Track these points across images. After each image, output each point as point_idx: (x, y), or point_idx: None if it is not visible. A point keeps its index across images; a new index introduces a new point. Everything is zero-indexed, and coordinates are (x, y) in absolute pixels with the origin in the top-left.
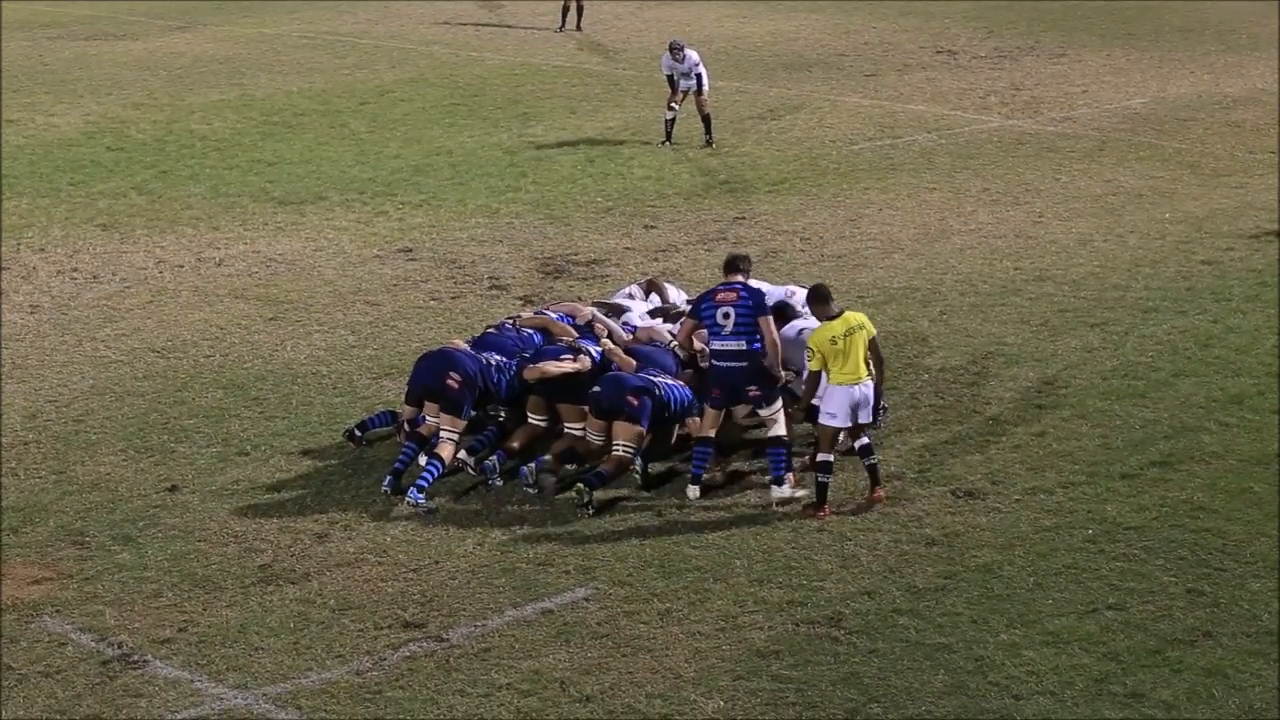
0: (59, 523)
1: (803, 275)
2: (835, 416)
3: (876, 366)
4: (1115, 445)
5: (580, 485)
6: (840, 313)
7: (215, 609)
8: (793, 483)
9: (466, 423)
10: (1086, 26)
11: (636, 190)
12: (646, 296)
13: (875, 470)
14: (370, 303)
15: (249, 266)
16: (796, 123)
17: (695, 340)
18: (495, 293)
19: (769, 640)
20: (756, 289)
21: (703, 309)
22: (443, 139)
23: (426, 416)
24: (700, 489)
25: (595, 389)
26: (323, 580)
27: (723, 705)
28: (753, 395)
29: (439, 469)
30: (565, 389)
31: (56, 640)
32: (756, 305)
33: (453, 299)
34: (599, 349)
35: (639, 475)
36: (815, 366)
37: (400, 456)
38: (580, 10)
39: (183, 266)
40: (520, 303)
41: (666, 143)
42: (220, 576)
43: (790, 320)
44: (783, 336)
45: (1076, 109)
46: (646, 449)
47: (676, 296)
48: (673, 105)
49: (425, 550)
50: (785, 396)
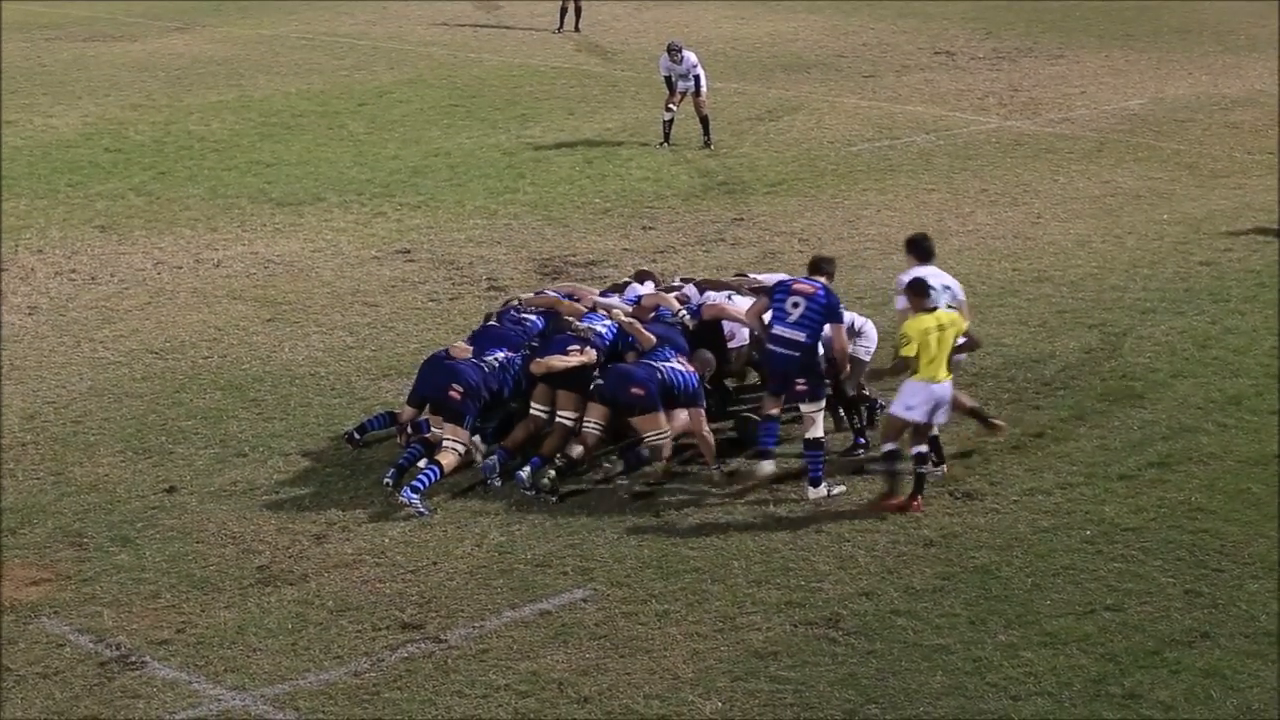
0: (57, 524)
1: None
2: (913, 410)
3: (971, 347)
4: (1113, 446)
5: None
6: (935, 308)
7: (213, 610)
8: (828, 484)
9: (470, 432)
10: (1085, 27)
11: (635, 191)
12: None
13: (922, 480)
14: (368, 304)
15: (247, 268)
16: (795, 124)
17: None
18: (493, 294)
19: (767, 641)
20: (835, 295)
21: (777, 293)
22: (441, 140)
23: (431, 425)
24: (773, 463)
25: (598, 380)
26: (320, 581)
27: (721, 706)
28: (799, 389)
29: (437, 474)
30: (567, 377)
31: (55, 641)
32: (830, 308)
33: (451, 300)
34: (610, 325)
35: (716, 470)
36: (910, 352)
37: (405, 455)
38: (579, 11)
39: (181, 268)
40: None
41: (665, 144)
42: (218, 578)
43: None
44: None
45: (1074, 110)
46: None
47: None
48: (671, 106)
49: (423, 551)
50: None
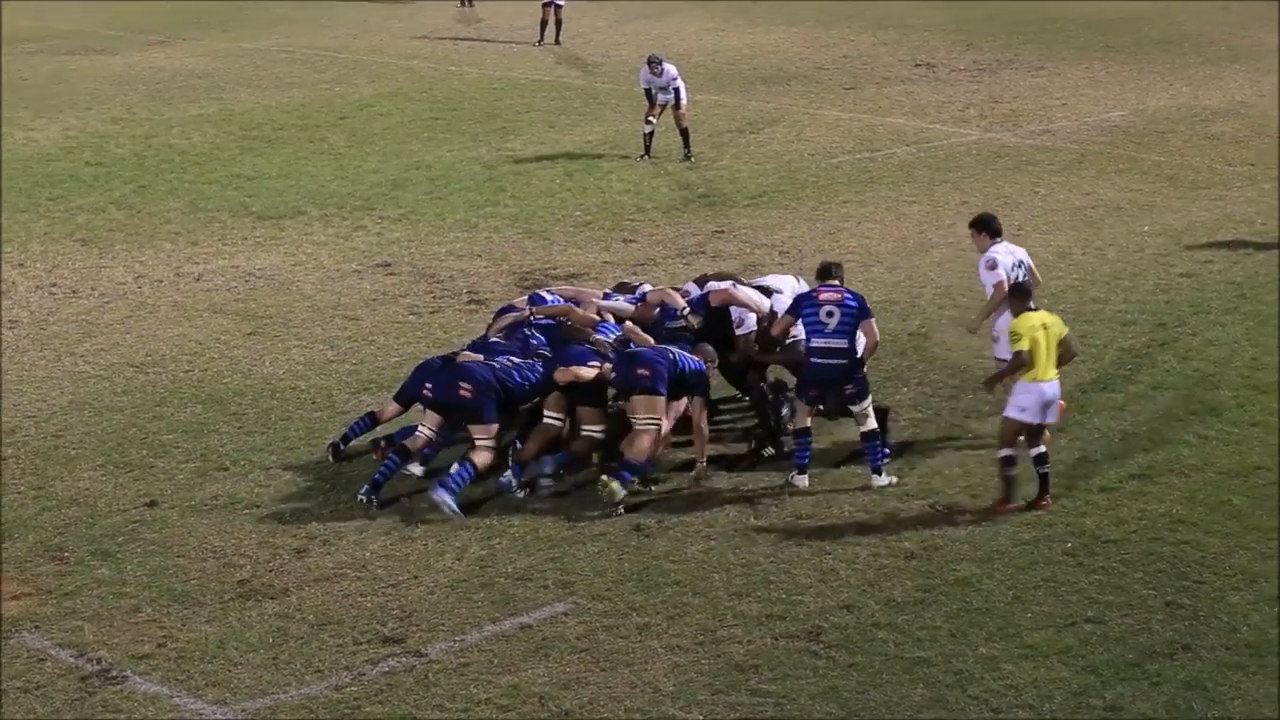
0: (38, 538)
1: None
2: (1026, 411)
3: (1068, 358)
4: (1094, 458)
5: (606, 480)
6: (1037, 308)
7: (194, 624)
8: (887, 475)
9: (498, 427)
10: (1065, 39)
11: (615, 204)
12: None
13: (1047, 479)
14: (349, 317)
15: (228, 281)
16: (775, 136)
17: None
18: (474, 306)
19: (748, 654)
20: (860, 295)
21: (804, 308)
22: (421, 153)
23: (420, 427)
24: (807, 477)
25: (612, 374)
26: (301, 595)
27: (702, 719)
28: (849, 392)
29: (471, 474)
30: (586, 390)
31: (36, 656)
32: (861, 308)
33: (431, 313)
34: (617, 330)
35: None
36: (1025, 347)
37: (381, 469)
38: (559, 24)
39: (162, 281)
40: None
41: (645, 156)
42: (199, 592)
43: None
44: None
45: (1055, 122)
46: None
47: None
48: (651, 119)
49: (404, 565)
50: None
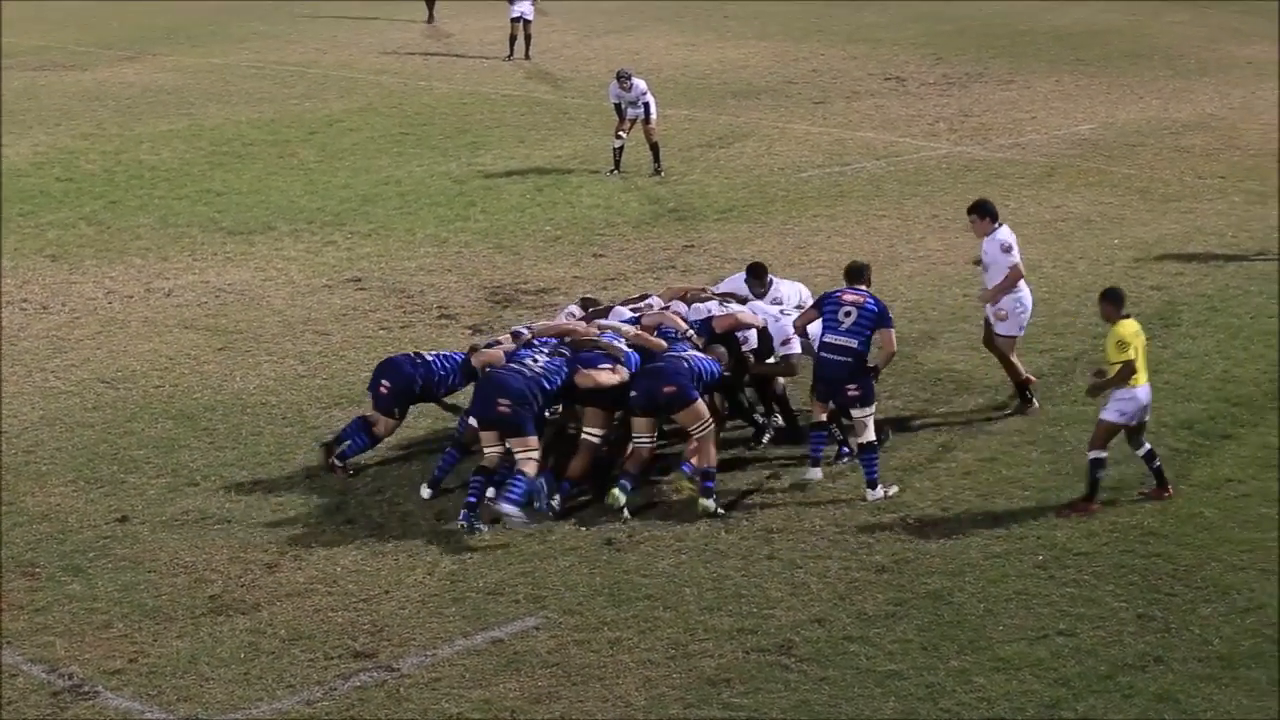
0: (9, 554)
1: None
2: (1125, 415)
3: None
4: (1065, 471)
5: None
6: (1129, 315)
7: (165, 640)
8: (885, 486)
9: (539, 438)
10: (1035, 53)
11: (585, 219)
12: (586, 313)
13: (1161, 471)
14: (319, 332)
15: (198, 297)
16: (745, 150)
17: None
18: (444, 321)
19: (719, 668)
20: (884, 302)
21: (826, 305)
22: (391, 168)
23: (486, 450)
24: (820, 470)
25: (632, 393)
26: (273, 610)
27: None
28: (851, 394)
29: (525, 484)
30: (599, 394)
31: (7, 672)
32: (881, 315)
33: (402, 328)
34: (624, 340)
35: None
36: (1132, 355)
37: (349, 446)
38: (528, 39)
39: (132, 297)
40: (469, 332)
41: (615, 171)
42: (170, 607)
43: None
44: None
45: (1025, 135)
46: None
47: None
48: (620, 134)
49: (375, 580)
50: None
